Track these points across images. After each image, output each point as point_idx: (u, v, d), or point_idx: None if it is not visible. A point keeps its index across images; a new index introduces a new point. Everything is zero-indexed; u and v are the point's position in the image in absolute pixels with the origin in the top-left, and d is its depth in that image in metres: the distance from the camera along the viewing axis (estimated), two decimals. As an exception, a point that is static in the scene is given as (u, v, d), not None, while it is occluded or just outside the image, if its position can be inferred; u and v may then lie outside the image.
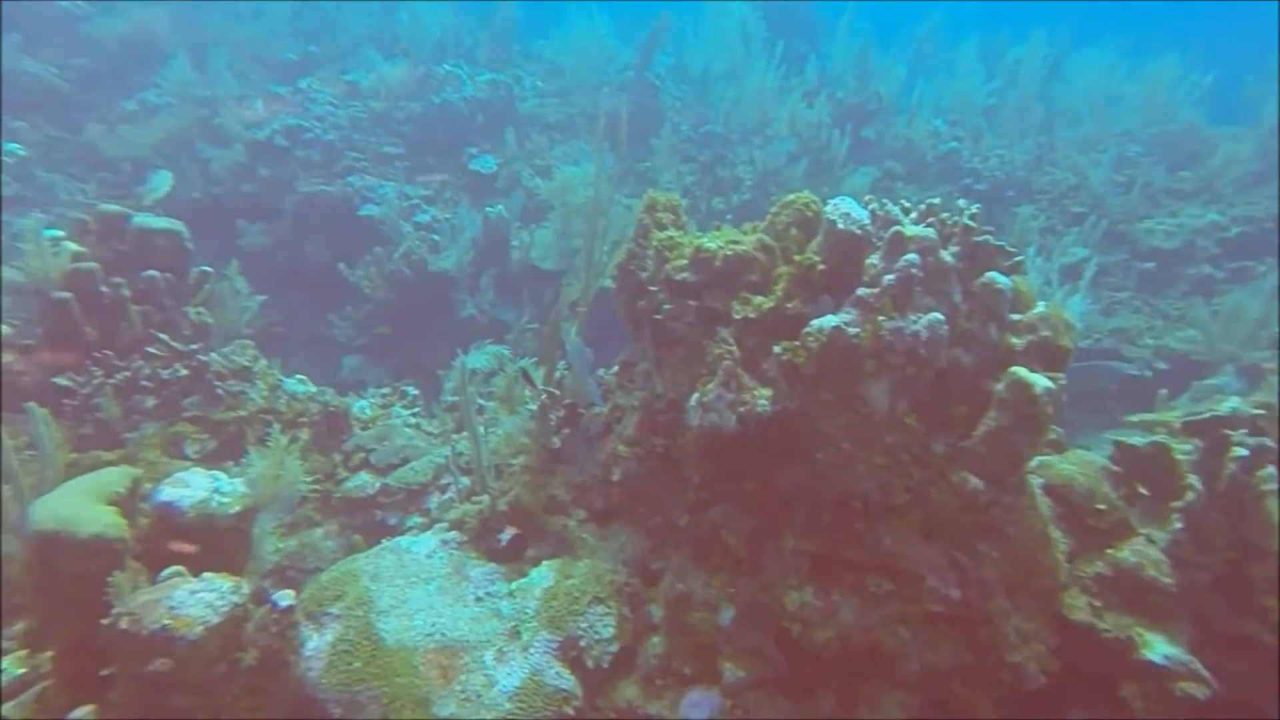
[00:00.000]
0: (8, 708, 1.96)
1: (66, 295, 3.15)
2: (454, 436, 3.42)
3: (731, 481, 2.25)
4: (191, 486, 2.15)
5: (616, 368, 2.77)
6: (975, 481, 1.86)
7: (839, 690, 1.87)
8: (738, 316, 2.17)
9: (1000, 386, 1.86)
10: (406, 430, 3.36)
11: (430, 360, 6.68)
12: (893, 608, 1.87)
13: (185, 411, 3.24)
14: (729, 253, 2.24)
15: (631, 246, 2.69)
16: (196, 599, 1.92)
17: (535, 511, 2.50)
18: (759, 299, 2.19)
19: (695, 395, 2.12)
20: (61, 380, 3.07)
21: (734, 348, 2.11)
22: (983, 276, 2.02)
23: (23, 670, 2.33)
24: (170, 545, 1.96)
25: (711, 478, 2.28)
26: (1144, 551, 2.03)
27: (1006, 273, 2.05)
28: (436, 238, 6.87)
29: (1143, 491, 2.23)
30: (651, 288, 2.47)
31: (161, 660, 1.81)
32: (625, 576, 2.31)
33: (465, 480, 2.89)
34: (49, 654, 1.95)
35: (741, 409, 2.03)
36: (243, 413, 3.25)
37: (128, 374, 3.13)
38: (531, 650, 2.10)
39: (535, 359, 3.47)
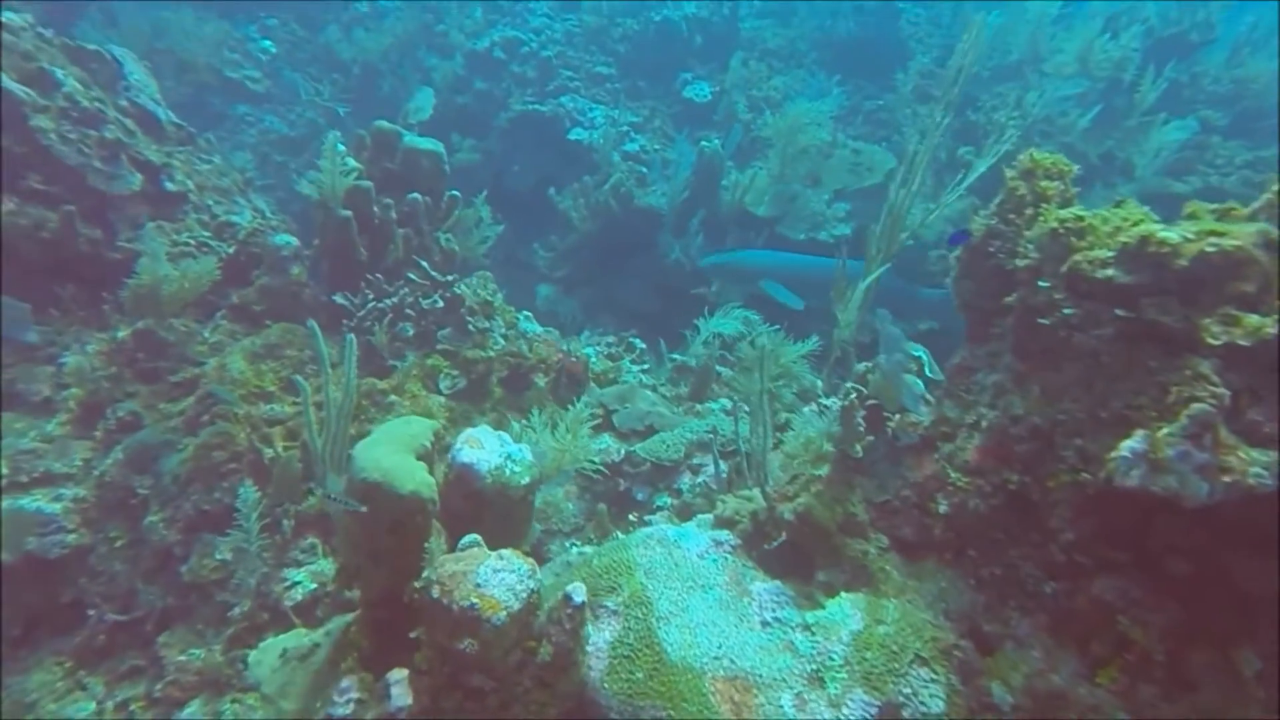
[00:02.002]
0: (320, 632, 1.99)
1: (348, 213, 3.16)
2: (699, 408, 3.13)
3: (1133, 551, 1.72)
4: (486, 449, 2.02)
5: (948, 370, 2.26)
6: None
7: None
8: (1216, 342, 1.57)
9: None
10: (648, 394, 3.12)
11: (624, 299, 6.53)
12: None
13: (438, 344, 3.21)
14: (1208, 249, 1.60)
15: (993, 222, 2.11)
16: (499, 580, 1.79)
17: (828, 528, 2.14)
18: (1256, 319, 1.55)
19: (1132, 443, 1.58)
20: (339, 299, 3.13)
21: (1221, 389, 1.52)
22: None
23: (314, 585, 2.43)
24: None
25: (1096, 538, 1.77)
26: None
27: None
28: (644, 170, 6.52)
29: None
30: (1040, 283, 1.91)
31: (469, 641, 1.70)
32: (952, 636, 1.91)
33: (725, 466, 2.59)
34: (358, 593, 1.94)
35: (1226, 478, 1.46)
36: (490, 354, 3.16)
37: (395, 300, 3.12)
38: (845, 712, 1.78)
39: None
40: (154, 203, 3.29)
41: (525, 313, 3.95)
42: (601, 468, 2.44)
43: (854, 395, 2.23)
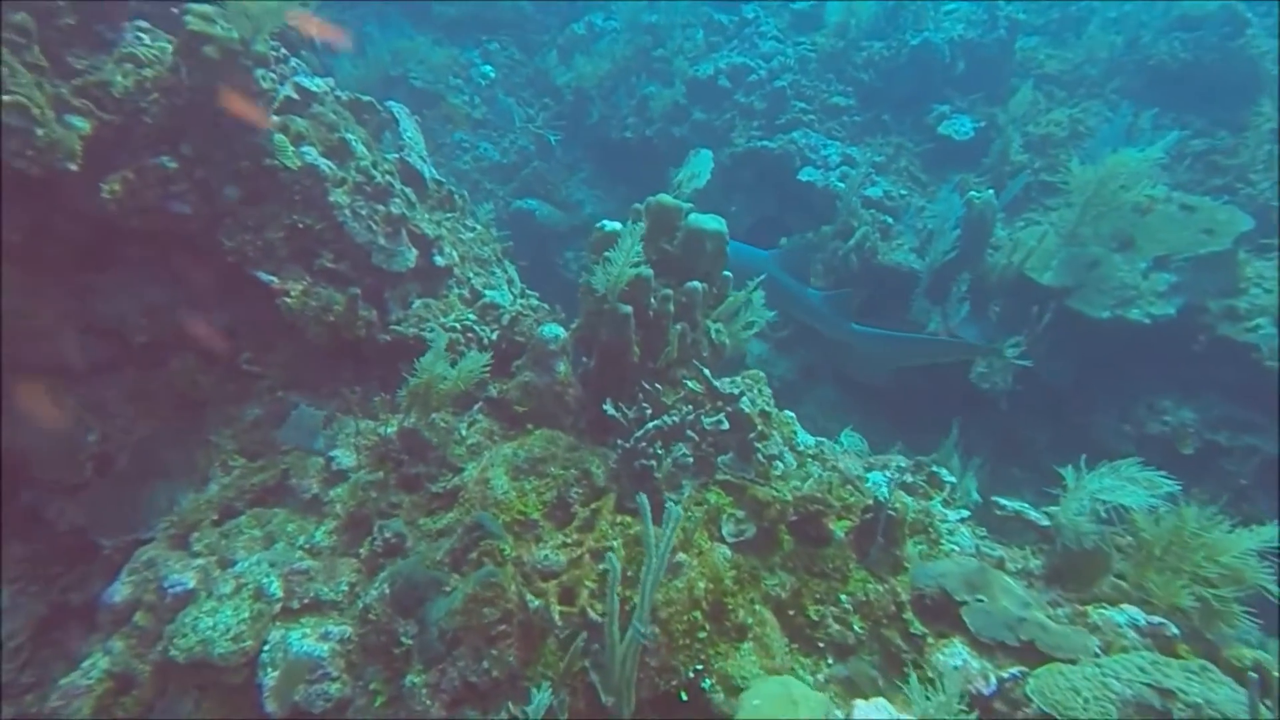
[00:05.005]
0: None
1: (628, 309, 2.70)
2: (1095, 617, 2.27)
3: None
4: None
5: None
6: None
7: None
8: None
9: None
10: (1008, 582, 2.32)
11: (853, 369, 5.71)
12: None
13: (718, 472, 2.65)
14: None
15: None
16: None
17: None
18: None
19: None
20: (610, 409, 2.67)
21: None
22: None
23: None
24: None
25: None
26: None
27: None
28: (889, 219, 5.65)
29: None
30: None
31: None
32: None
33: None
34: None
35: None
36: (785, 496, 2.54)
37: (676, 419, 2.61)
38: None
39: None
40: (423, 278, 3.06)
41: (789, 413, 3.32)
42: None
43: None
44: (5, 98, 1.94)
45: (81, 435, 2.58)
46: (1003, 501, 2.85)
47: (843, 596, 2.36)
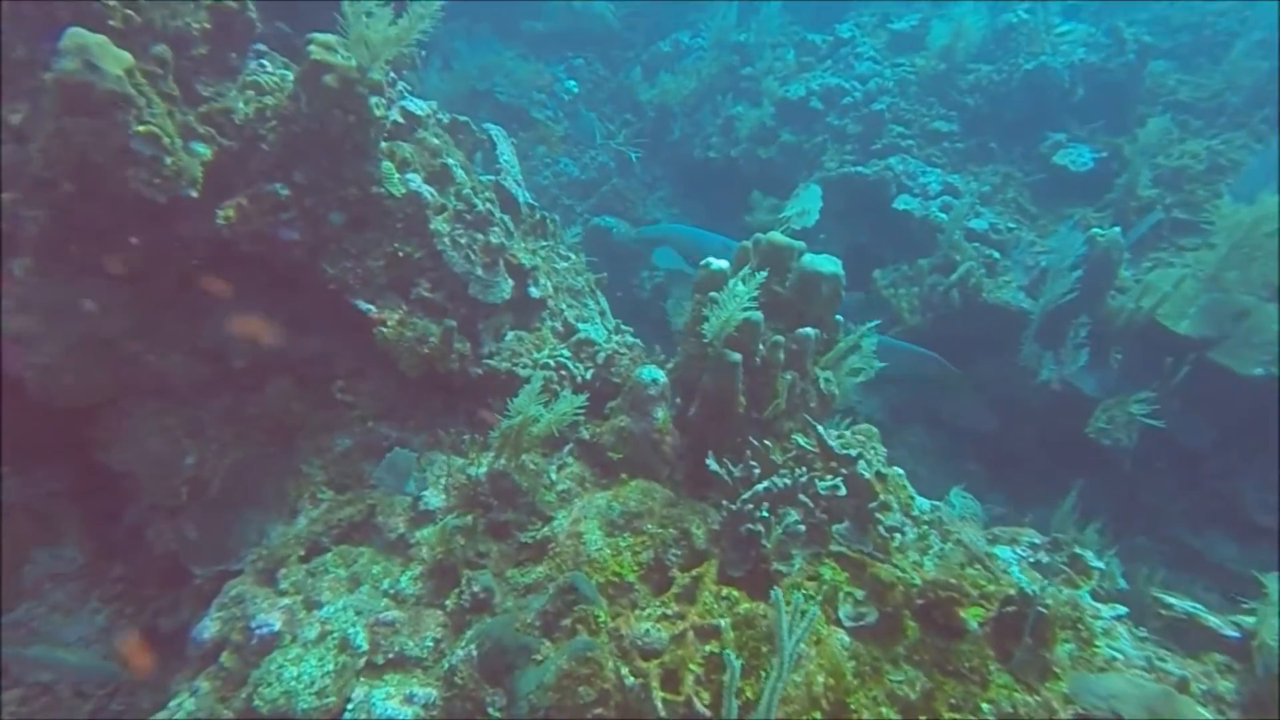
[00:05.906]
0: None
1: (737, 356, 2.49)
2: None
3: None
4: None
5: None
6: None
7: None
8: None
9: None
10: (1203, 714, 1.96)
11: (951, 412, 5.31)
12: None
13: (833, 544, 2.40)
14: None
15: None
16: None
17: None
18: None
19: None
20: (713, 465, 2.46)
21: None
22: None
23: None
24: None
25: None
26: None
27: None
28: (995, 254, 5.24)
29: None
30: None
31: None
32: None
33: None
34: None
35: None
36: (909, 576, 2.27)
37: (789, 481, 2.37)
38: None
39: None
40: (517, 309, 2.95)
41: (898, 469, 3.02)
42: None
43: None
44: (140, 128, 1.94)
45: (180, 458, 2.56)
46: (1169, 599, 2.47)
47: (984, 705, 2.06)
